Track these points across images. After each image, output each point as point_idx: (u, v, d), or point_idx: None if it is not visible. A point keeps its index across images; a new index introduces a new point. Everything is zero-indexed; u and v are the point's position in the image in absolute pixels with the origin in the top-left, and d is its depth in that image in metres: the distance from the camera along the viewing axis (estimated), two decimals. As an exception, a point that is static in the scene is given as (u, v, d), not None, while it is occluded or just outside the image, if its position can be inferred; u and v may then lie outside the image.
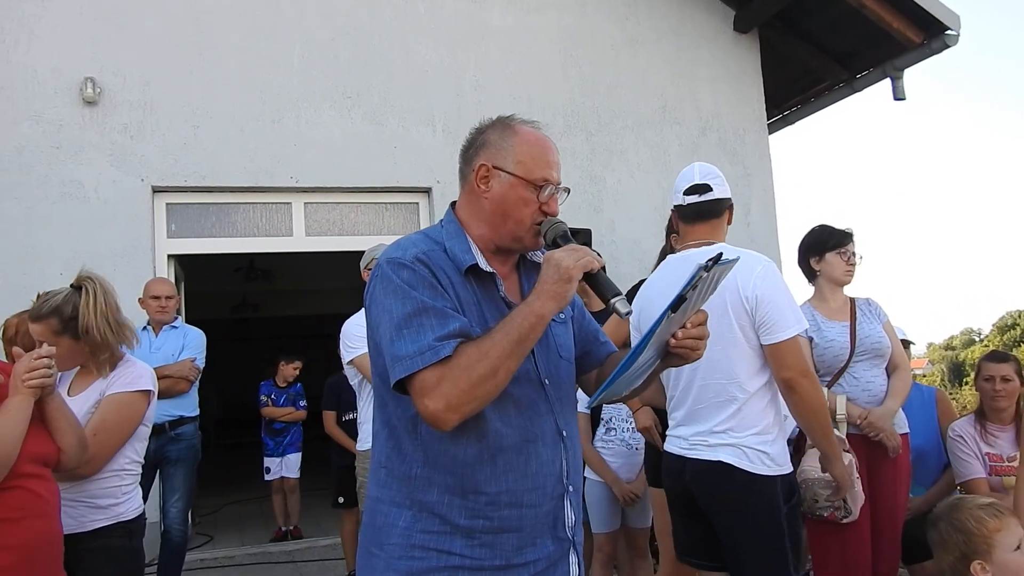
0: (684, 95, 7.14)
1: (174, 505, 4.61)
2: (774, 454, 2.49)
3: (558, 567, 1.63)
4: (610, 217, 6.67)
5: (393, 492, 1.61)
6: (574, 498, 1.66)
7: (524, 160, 1.65)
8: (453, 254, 1.63)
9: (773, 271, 2.57)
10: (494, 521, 1.56)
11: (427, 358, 1.45)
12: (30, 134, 5.54)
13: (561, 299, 1.50)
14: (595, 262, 1.54)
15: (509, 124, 1.70)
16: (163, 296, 4.71)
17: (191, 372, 4.65)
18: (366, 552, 1.63)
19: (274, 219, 6.22)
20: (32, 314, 2.53)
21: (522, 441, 1.58)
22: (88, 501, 2.46)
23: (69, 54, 5.67)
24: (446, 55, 6.52)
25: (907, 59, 6.97)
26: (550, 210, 1.66)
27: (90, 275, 2.59)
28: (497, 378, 1.45)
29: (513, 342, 1.46)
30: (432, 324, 1.48)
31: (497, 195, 1.66)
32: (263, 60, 6.08)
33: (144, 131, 5.77)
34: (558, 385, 1.68)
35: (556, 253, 1.55)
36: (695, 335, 1.54)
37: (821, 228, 3.57)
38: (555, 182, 1.67)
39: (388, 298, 1.54)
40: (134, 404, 2.58)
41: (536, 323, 1.48)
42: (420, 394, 1.46)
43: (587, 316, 1.89)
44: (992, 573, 2.02)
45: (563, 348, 1.73)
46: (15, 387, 2.11)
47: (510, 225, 1.65)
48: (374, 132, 6.24)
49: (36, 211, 5.49)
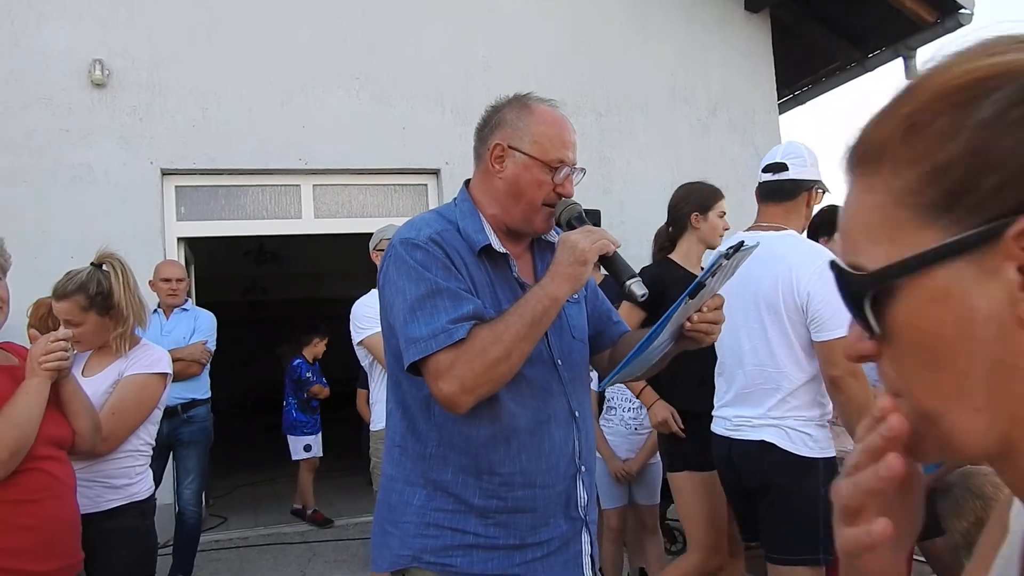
0: (694, 75, 7.09)
1: (188, 487, 4.66)
2: (817, 436, 2.52)
3: (571, 546, 1.64)
4: (619, 198, 6.64)
5: (407, 471, 1.62)
6: (586, 478, 1.67)
7: (540, 140, 1.63)
8: (467, 234, 1.62)
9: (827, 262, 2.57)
10: (508, 501, 1.56)
11: (441, 340, 1.45)
12: (40, 118, 5.54)
13: (576, 281, 1.50)
14: (611, 244, 1.53)
15: (526, 103, 1.68)
16: (174, 279, 4.72)
17: (203, 355, 4.67)
18: (381, 530, 1.65)
19: (283, 201, 6.22)
20: (57, 293, 2.54)
21: (535, 422, 1.58)
22: (103, 481, 2.48)
23: (78, 37, 5.66)
24: (455, 36, 6.48)
25: (920, 39, 6.89)
26: (564, 191, 1.65)
27: (112, 253, 2.64)
28: (511, 361, 1.45)
29: (527, 325, 1.46)
30: (446, 306, 1.48)
31: (511, 175, 1.64)
32: (272, 42, 6.06)
33: (153, 114, 5.77)
34: (571, 366, 1.68)
35: (572, 235, 1.54)
36: (711, 319, 1.54)
37: (833, 208, 3.57)
38: (570, 163, 1.65)
39: (402, 279, 1.53)
40: (152, 386, 2.60)
41: (550, 305, 1.48)
42: (434, 377, 1.46)
43: (600, 296, 1.89)
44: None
45: (576, 329, 1.73)
46: (32, 370, 2.12)
47: (523, 206, 1.64)
48: (383, 114, 6.22)
49: (46, 195, 5.51)
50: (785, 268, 2.51)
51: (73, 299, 2.52)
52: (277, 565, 5.23)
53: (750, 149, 7.07)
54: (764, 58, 7.29)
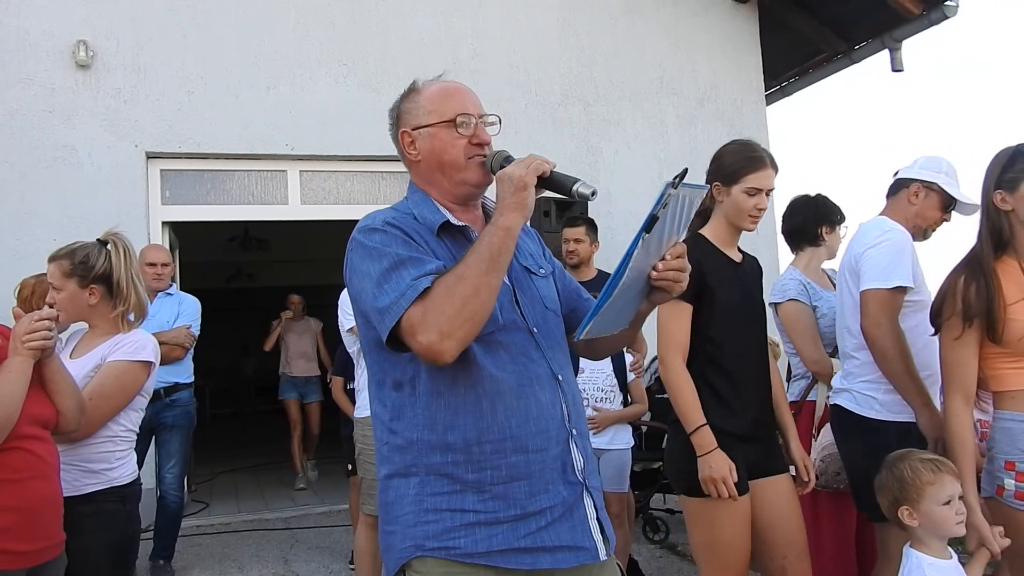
0: (682, 65, 7.10)
1: (170, 471, 4.64)
2: (884, 400, 2.73)
3: (575, 511, 1.61)
4: (607, 188, 6.64)
5: (397, 464, 1.61)
6: (579, 440, 1.66)
7: (432, 108, 1.69)
8: (423, 218, 1.66)
9: (893, 234, 2.79)
10: (502, 470, 1.55)
11: (408, 297, 1.46)
12: (22, 97, 5.48)
13: (522, 207, 1.53)
14: (545, 164, 1.56)
15: (414, 87, 1.75)
16: (159, 263, 4.70)
17: (187, 339, 4.65)
18: (383, 533, 1.64)
19: (269, 187, 6.19)
20: (51, 256, 2.59)
21: (519, 385, 1.58)
22: (81, 465, 2.46)
23: (61, 17, 5.60)
24: (443, 23, 6.46)
25: (906, 30, 6.92)
26: (481, 139, 1.68)
27: (117, 233, 2.66)
28: (480, 296, 1.46)
29: (486, 259, 1.47)
30: (410, 272, 1.50)
31: (426, 150, 1.69)
32: (258, 26, 6.01)
33: (138, 96, 5.72)
34: (547, 334, 1.69)
35: (506, 168, 1.58)
36: (675, 267, 1.56)
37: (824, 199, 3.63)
38: (474, 113, 1.68)
39: (365, 262, 1.56)
40: (133, 373, 2.58)
41: (505, 236, 1.50)
42: (411, 334, 1.46)
43: (568, 276, 1.92)
44: (919, 521, 2.20)
45: (547, 300, 1.75)
46: (15, 348, 2.10)
47: (449, 171, 1.68)
48: (370, 100, 6.18)
49: (29, 176, 5.45)
50: (858, 236, 2.91)
51: (59, 263, 2.55)
52: (259, 551, 5.23)
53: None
54: (751, 49, 7.32)
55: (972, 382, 2.38)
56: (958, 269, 2.40)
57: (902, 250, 2.75)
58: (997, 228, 2.37)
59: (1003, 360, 2.32)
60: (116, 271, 2.59)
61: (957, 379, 2.38)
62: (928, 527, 2.19)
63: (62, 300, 2.54)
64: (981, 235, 2.41)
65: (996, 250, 2.35)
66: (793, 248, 3.69)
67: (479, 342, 1.54)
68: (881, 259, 2.74)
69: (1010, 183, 2.34)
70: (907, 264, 2.74)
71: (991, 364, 2.36)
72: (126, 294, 2.60)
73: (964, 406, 2.38)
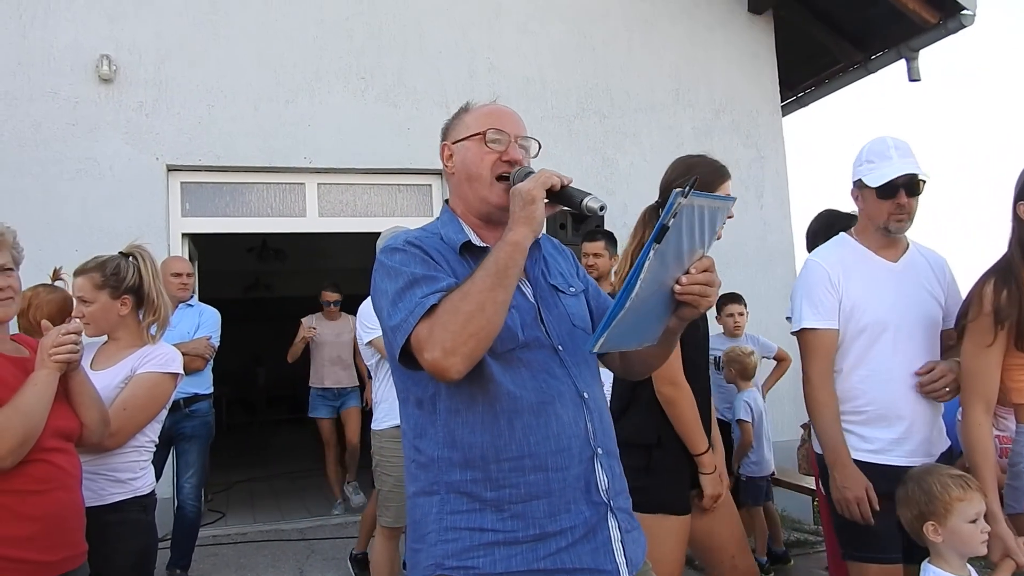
0: (698, 77, 7.10)
1: (188, 481, 4.68)
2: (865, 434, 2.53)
3: (597, 533, 1.58)
4: (623, 200, 6.63)
5: (422, 482, 1.62)
6: (605, 460, 1.63)
7: (472, 123, 1.73)
8: (447, 237, 1.68)
9: (805, 268, 2.66)
10: (520, 488, 1.54)
11: (416, 315, 1.48)
12: (46, 110, 5.57)
13: (531, 220, 1.53)
14: (554, 178, 1.56)
15: (465, 108, 1.81)
16: (184, 273, 4.77)
17: (207, 350, 4.70)
18: (411, 551, 1.65)
19: (287, 199, 6.24)
20: (77, 269, 2.64)
21: (538, 403, 1.57)
22: (108, 474, 2.50)
23: (85, 31, 5.69)
24: (460, 36, 6.50)
25: (922, 40, 6.89)
26: (510, 158, 1.69)
27: (140, 245, 2.73)
28: (486, 312, 1.45)
29: (492, 274, 1.47)
30: (422, 291, 1.52)
31: (460, 162, 1.73)
32: (278, 40, 6.08)
33: (159, 109, 5.79)
34: (574, 351, 1.68)
35: (518, 184, 1.59)
36: (701, 280, 1.49)
37: (828, 213, 3.60)
38: (509, 132, 1.70)
39: (384, 281, 1.59)
40: (163, 385, 2.64)
41: (512, 251, 1.50)
42: (419, 351, 1.47)
43: (602, 294, 1.90)
44: (943, 537, 2.15)
45: (576, 317, 1.74)
46: (41, 361, 2.13)
47: (474, 185, 1.70)
48: (388, 113, 6.24)
49: (52, 187, 5.52)
50: None
51: (89, 275, 2.60)
52: (275, 561, 5.25)
53: (753, 151, 7.09)
54: (767, 60, 7.31)
55: (994, 392, 2.36)
56: (987, 274, 2.38)
57: (810, 285, 2.59)
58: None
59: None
60: (146, 282, 2.66)
61: (980, 388, 2.36)
62: (953, 543, 2.16)
63: (93, 312, 2.59)
64: (1011, 245, 2.39)
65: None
66: None
67: (498, 360, 1.55)
68: (795, 299, 2.68)
69: None
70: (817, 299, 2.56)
71: (1015, 376, 2.34)
72: (156, 304, 2.66)
73: (985, 416, 2.36)
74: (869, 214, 2.60)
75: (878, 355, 2.51)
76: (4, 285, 2.16)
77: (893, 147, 2.51)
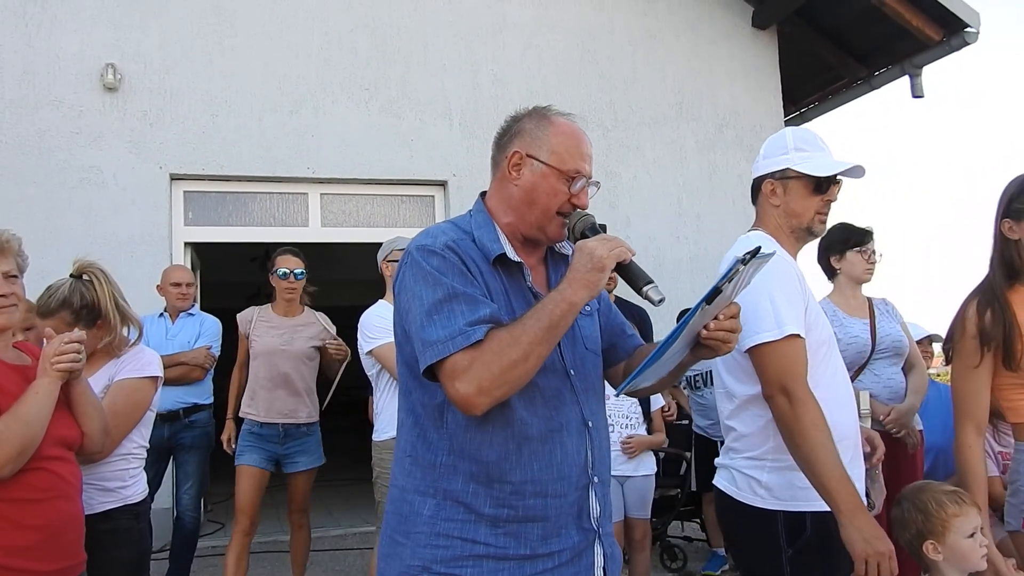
0: (701, 91, 7.12)
1: (187, 492, 4.65)
2: (770, 483, 2.02)
3: (583, 558, 1.62)
4: (625, 213, 6.66)
5: (418, 481, 1.61)
6: (599, 489, 1.66)
7: (558, 150, 1.65)
8: (481, 243, 1.63)
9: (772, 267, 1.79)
10: (519, 510, 1.56)
11: (459, 342, 1.45)
12: (51, 119, 5.58)
13: (593, 287, 1.50)
14: (627, 251, 1.54)
15: (546, 114, 1.71)
16: (184, 283, 4.74)
17: (207, 360, 4.67)
18: (390, 540, 1.64)
19: (290, 209, 6.25)
20: (41, 311, 2.52)
21: (547, 431, 1.58)
22: (97, 484, 2.47)
23: (91, 40, 5.71)
24: (464, 48, 6.52)
25: (926, 56, 6.95)
26: (579, 203, 1.66)
27: (91, 263, 2.60)
28: (528, 363, 1.45)
29: (544, 328, 1.46)
30: (463, 309, 1.49)
31: (528, 183, 1.66)
32: (282, 51, 6.10)
33: (163, 119, 5.81)
34: (584, 376, 1.68)
35: (589, 242, 1.54)
36: (727, 327, 1.53)
37: (842, 226, 3.59)
38: (587, 175, 1.67)
39: (418, 285, 1.54)
40: (143, 389, 2.60)
41: (567, 310, 1.48)
42: (451, 377, 1.45)
43: (614, 310, 1.90)
44: (943, 555, 2.11)
45: (589, 340, 1.73)
46: (43, 369, 2.12)
47: (536, 214, 1.65)
48: (391, 124, 6.25)
49: (55, 195, 5.54)
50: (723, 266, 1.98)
51: (59, 316, 2.49)
52: (275, 573, 5.22)
53: (756, 166, 7.10)
54: (771, 74, 7.33)
55: (985, 412, 2.34)
56: (971, 296, 2.37)
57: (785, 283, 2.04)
58: (1008, 258, 2.34)
59: (1020, 391, 2.30)
60: (102, 301, 2.55)
61: (970, 409, 2.34)
62: (953, 560, 2.14)
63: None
64: (993, 264, 2.38)
65: (1008, 279, 2.32)
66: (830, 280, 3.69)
67: None
68: (768, 300, 2.00)
69: (1017, 213, 2.32)
70: (796, 301, 2.04)
71: (1007, 395, 2.33)
72: (112, 323, 2.56)
73: (976, 437, 2.33)
74: (791, 211, 2.15)
75: (834, 374, 2.12)
76: (7, 292, 2.15)
77: (820, 138, 2.19)
